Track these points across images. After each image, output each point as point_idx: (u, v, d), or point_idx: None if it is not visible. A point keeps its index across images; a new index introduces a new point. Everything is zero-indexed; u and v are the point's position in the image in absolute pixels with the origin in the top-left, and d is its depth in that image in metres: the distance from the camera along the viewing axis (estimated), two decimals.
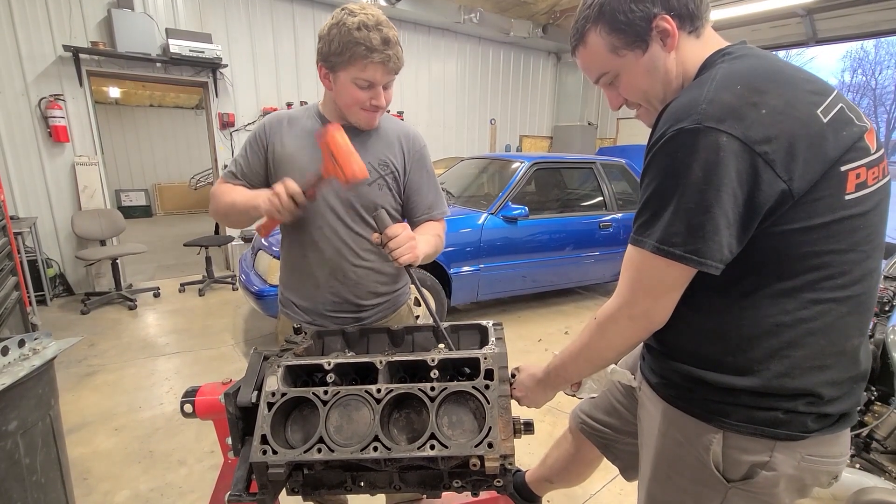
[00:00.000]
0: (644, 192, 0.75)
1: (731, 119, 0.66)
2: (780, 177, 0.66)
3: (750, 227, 0.69)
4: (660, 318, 0.77)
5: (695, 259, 0.69)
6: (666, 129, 0.71)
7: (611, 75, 0.84)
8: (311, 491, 0.88)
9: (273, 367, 0.87)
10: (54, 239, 4.61)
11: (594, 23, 0.80)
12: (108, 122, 10.48)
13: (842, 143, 0.68)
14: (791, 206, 0.67)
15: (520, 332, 3.90)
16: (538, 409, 1.03)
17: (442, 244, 1.27)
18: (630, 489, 2.10)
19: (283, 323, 1.36)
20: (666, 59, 0.78)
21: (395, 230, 1.04)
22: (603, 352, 0.85)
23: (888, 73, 17.58)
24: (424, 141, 1.31)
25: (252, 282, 3.27)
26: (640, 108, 0.88)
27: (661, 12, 0.75)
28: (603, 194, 4.41)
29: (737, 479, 0.79)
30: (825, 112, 0.69)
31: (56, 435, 1.57)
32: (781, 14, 6.45)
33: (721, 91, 0.68)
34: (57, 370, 1.57)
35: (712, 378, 0.78)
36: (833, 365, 0.74)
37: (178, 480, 2.11)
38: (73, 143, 4.54)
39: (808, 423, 0.75)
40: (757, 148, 0.65)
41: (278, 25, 5.63)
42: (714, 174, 0.66)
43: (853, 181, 0.69)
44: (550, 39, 7.58)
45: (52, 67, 4.34)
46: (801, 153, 0.66)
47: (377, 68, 1.07)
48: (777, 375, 0.74)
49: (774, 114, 0.66)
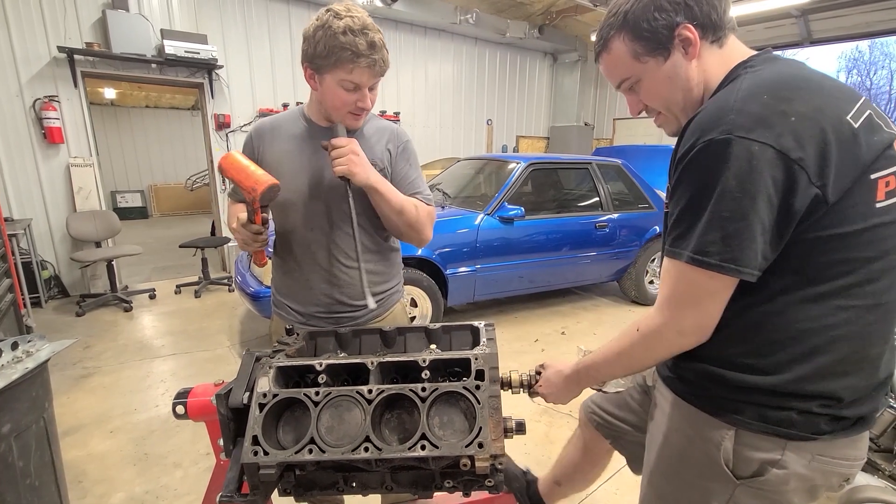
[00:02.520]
0: (677, 205, 0.75)
1: (760, 128, 0.66)
2: (813, 183, 0.66)
3: (785, 235, 0.69)
4: (708, 330, 0.76)
5: (731, 267, 0.69)
6: (695, 141, 0.71)
7: (632, 81, 0.86)
8: (303, 492, 0.88)
9: (265, 368, 0.87)
10: (49, 241, 4.59)
11: (618, 30, 0.82)
12: (104, 124, 10.45)
13: (873, 150, 0.68)
14: (824, 214, 0.67)
15: (517, 333, 3.90)
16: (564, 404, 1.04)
17: (421, 218, 1.24)
18: (626, 488, 2.11)
19: (276, 324, 1.36)
20: (687, 67, 0.80)
21: (341, 141, 1.09)
22: (644, 361, 0.85)
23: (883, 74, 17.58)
24: (408, 136, 1.33)
25: (248, 283, 3.26)
26: (660, 115, 0.89)
27: (683, 21, 0.77)
28: (599, 195, 4.42)
29: (746, 476, 0.79)
30: (855, 118, 0.69)
31: (50, 438, 1.56)
32: (776, 15, 6.48)
33: (748, 101, 0.69)
34: (51, 373, 1.56)
35: (731, 377, 0.78)
36: (855, 372, 0.75)
37: (174, 483, 2.11)
38: (67, 145, 4.52)
39: (822, 424, 0.75)
40: (791, 154, 0.65)
41: (274, 26, 5.63)
42: (748, 182, 0.66)
43: (883, 189, 0.69)
44: (546, 40, 7.61)
45: (46, 69, 4.33)
46: (834, 159, 0.66)
47: (363, 72, 1.07)
48: (797, 379, 0.74)
49: (804, 120, 0.66)
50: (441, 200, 4.18)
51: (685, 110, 0.84)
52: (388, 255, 1.34)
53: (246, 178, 1.03)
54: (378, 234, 1.29)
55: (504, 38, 7.31)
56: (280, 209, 1.24)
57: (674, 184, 0.77)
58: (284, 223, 1.25)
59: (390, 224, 1.23)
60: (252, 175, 1.03)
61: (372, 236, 1.27)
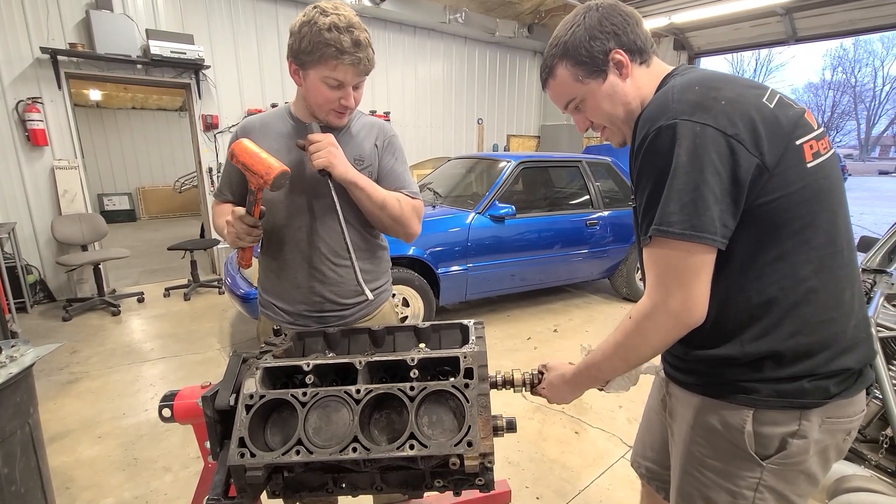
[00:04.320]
0: (643, 195, 0.83)
1: (699, 111, 0.77)
2: (752, 154, 0.76)
3: (739, 202, 0.78)
4: (699, 309, 0.80)
5: (692, 234, 0.76)
6: (647, 131, 0.81)
7: (577, 101, 0.97)
8: (292, 493, 0.87)
9: (251, 369, 0.86)
10: (34, 244, 4.52)
11: (560, 57, 0.94)
12: (90, 126, 10.31)
13: (791, 121, 0.80)
14: (768, 179, 0.77)
15: (509, 331, 3.91)
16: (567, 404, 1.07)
17: (405, 211, 1.23)
18: (619, 484, 2.13)
19: (264, 325, 1.35)
20: (623, 85, 0.93)
21: (318, 136, 1.11)
22: (640, 349, 0.86)
23: (867, 71, 18.00)
24: (394, 131, 1.33)
25: (238, 285, 3.24)
26: (605, 130, 1.00)
27: (615, 47, 0.91)
28: (589, 192, 4.44)
29: (770, 454, 0.84)
30: (769, 101, 0.81)
31: (36, 444, 1.54)
32: (761, 13, 6.55)
33: (684, 93, 0.80)
34: (37, 378, 1.54)
35: (732, 351, 0.84)
36: (837, 317, 0.83)
37: (164, 487, 2.08)
38: (52, 147, 4.45)
39: (831, 387, 0.82)
40: (728, 131, 0.76)
41: (262, 26, 5.58)
42: (695, 157, 0.75)
43: (808, 152, 0.81)
44: (536, 39, 7.62)
45: (29, 70, 4.26)
46: (763, 132, 0.77)
47: (347, 70, 1.07)
48: (791, 335, 0.81)
49: (732, 104, 0.78)
50: (432, 200, 4.18)
51: (627, 122, 0.95)
52: (376, 252, 1.33)
53: (258, 162, 1.03)
54: (365, 231, 1.28)
55: (493, 37, 7.32)
56: (266, 207, 1.23)
57: (636, 177, 0.87)
58: (271, 221, 1.25)
59: (374, 219, 1.23)
60: (265, 161, 1.03)
61: (359, 232, 1.27)
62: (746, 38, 7.31)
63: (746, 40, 7.41)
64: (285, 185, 1.08)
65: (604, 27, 0.90)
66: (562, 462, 2.28)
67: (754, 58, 21.31)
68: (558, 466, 2.24)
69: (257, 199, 1.08)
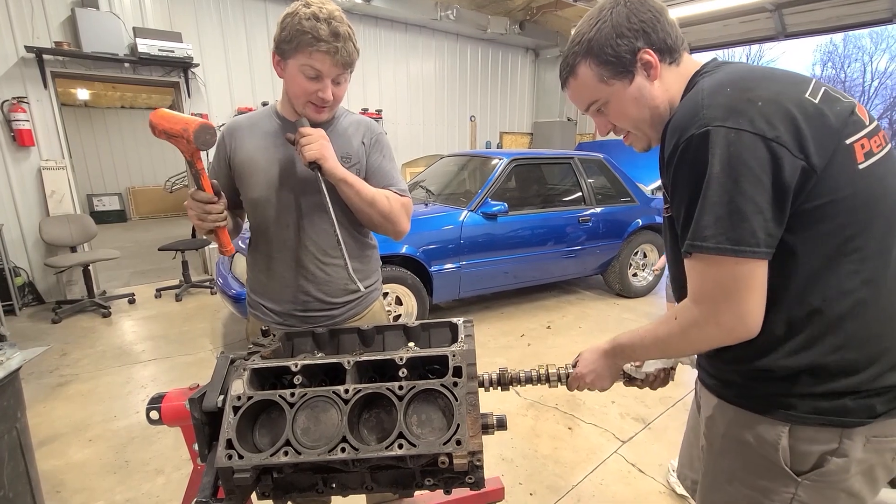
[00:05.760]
0: (679, 207, 0.78)
1: (733, 115, 0.70)
2: (796, 156, 0.69)
3: (785, 209, 0.71)
4: (753, 323, 0.74)
5: (727, 248, 0.70)
6: (677, 141, 0.75)
7: (600, 103, 0.90)
8: (282, 494, 0.86)
9: (239, 370, 0.85)
10: (21, 246, 4.46)
11: (584, 56, 0.87)
12: (78, 125, 10.18)
13: (840, 118, 0.73)
14: (815, 184, 0.71)
15: (503, 329, 3.92)
16: (603, 391, 1.03)
17: (394, 209, 1.23)
18: (611, 479, 2.14)
19: (252, 325, 1.34)
20: (651, 87, 0.85)
21: (308, 130, 1.10)
22: (683, 350, 0.84)
23: (856, 67, 18.04)
24: (382, 129, 1.33)
25: (230, 285, 3.22)
26: (629, 135, 0.94)
27: (644, 46, 0.83)
28: (582, 189, 4.45)
29: (807, 471, 0.79)
30: (813, 95, 0.74)
31: (24, 448, 1.52)
32: (751, 9, 6.58)
33: (714, 96, 0.74)
34: (26, 381, 1.53)
35: (770, 364, 0.78)
36: (887, 333, 0.76)
37: (156, 490, 2.07)
38: (38, 147, 4.39)
39: (877, 406, 0.76)
40: (767, 134, 0.69)
41: (251, 24, 5.53)
42: (730, 167, 0.69)
43: (860, 151, 0.73)
44: (527, 36, 7.61)
45: (14, 69, 4.19)
46: (807, 132, 0.70)
47: (324, 58, 1.07)
48: (835, 349, 0.75)
49: (769, 104, 0.71)
50: (425, 198, 4.17)
51: (654, 127, 0.88)
52: (365, 251, 1.33)
53: (175, 123, 0.98)
54: (354, 229, 1.28)
55: (485, 34, 7.30)
56: (253, 206, 1.22)
57: (671, 188, 0.80)
58: (258, 220, 1.24)
59: (363, 216, 1.22)
60: (181, 118, 0.99)
61: (349, 230, 1.26)
62: (736, 35, 7.34)
63: (736, 36, 7.44)
64: (212, 140, 1.00)
65: (632, 24, 0.82)
66: (555, 458, 2.29)
67: (745, 54, 21.53)
68: (551, 462, 2.25)
69: (199, 170, 1.04)
